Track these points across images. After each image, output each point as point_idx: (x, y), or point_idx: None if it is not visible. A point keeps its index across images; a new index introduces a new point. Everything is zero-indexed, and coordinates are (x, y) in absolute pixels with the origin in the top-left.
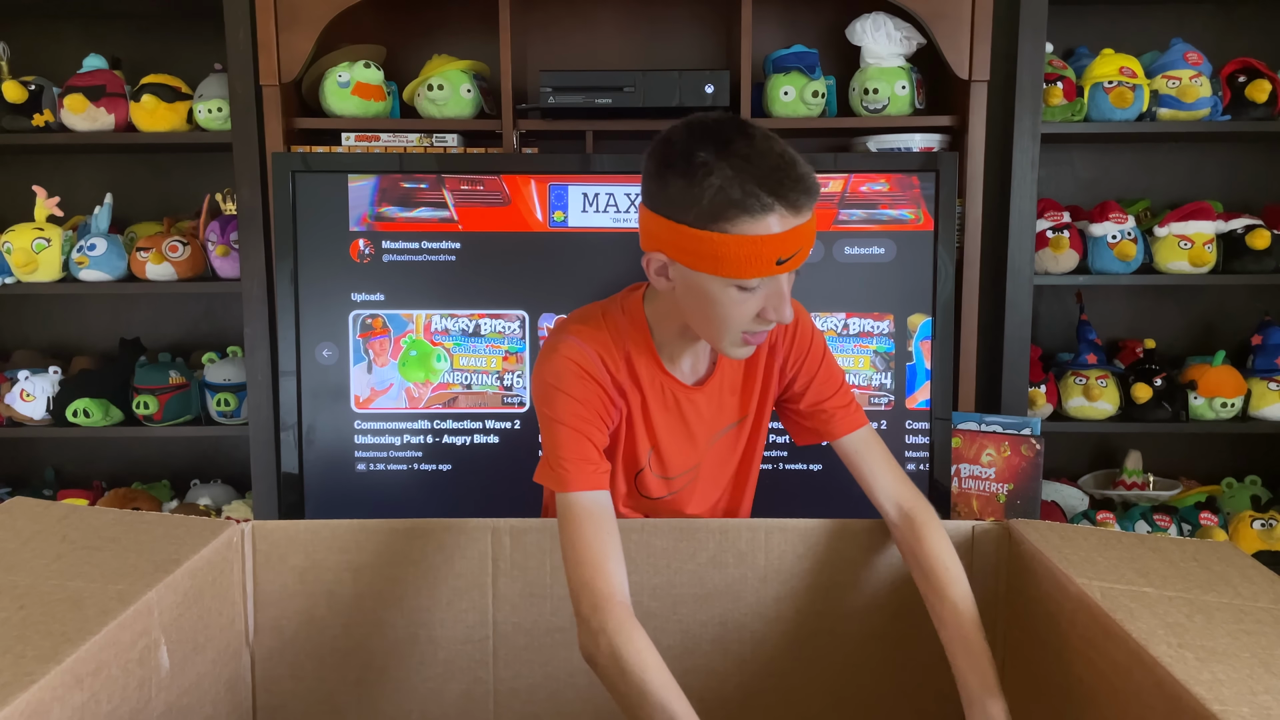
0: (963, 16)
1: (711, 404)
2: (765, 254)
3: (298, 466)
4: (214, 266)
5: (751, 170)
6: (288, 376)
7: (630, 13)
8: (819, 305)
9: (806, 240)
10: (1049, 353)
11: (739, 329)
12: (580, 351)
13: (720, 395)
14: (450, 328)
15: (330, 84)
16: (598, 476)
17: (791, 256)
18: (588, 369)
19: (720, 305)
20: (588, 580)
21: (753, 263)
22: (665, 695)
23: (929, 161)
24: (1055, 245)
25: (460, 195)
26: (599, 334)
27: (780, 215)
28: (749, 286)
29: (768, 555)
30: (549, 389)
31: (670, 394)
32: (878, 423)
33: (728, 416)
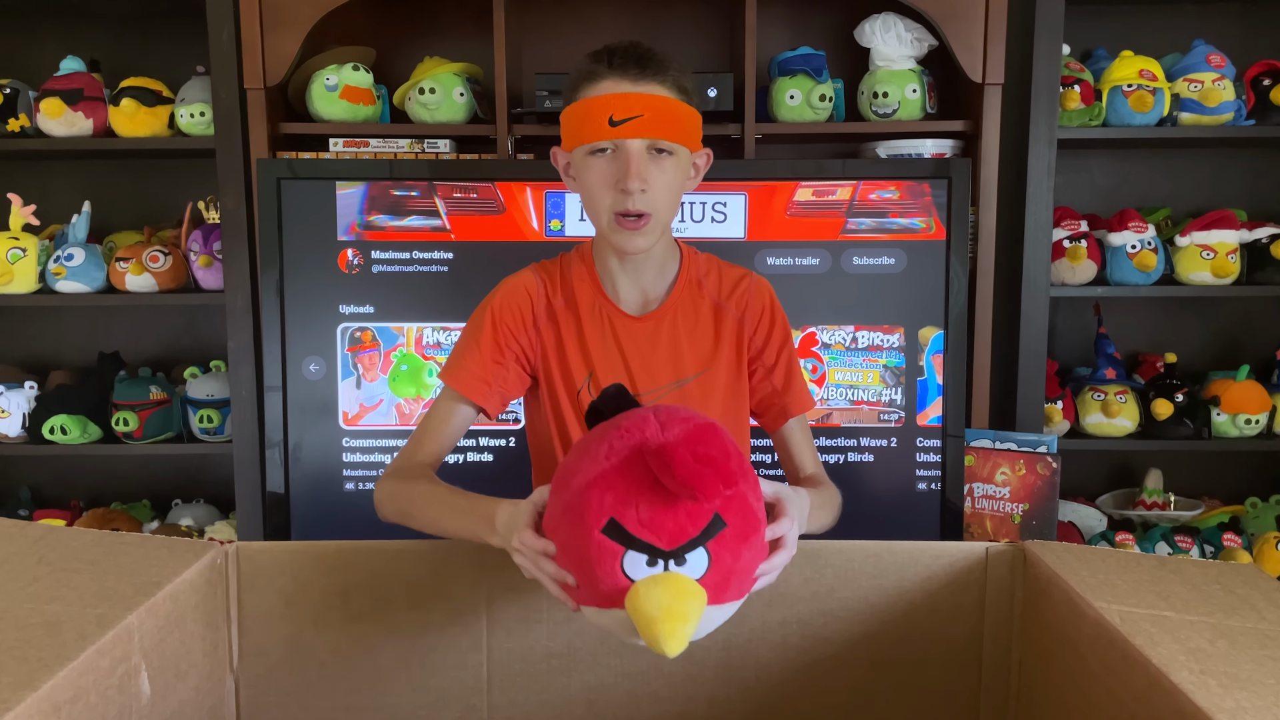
0: (976, 17)
1: (658, 341)
2: (597, 113)
3: (284, 486)
4: (196, 278)
5: (599, 50)
6: (273, 392)
7: (630, 14)
8: (826, 318)
9: (648, 108)
10: (1066, 367)
11: (607, 204)
12: (516, 282)
13: (672, 335)
14: (443, 341)
15: (317, 87)
16: (476, 388)
17: (628, 120)
18: (516, 299)
19: (585, 181)
20: (404, 450)
21: (590, 123)
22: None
23: (941, 168)
24: (1072, 255)
25: (453, 203)
26: (549, 267)
27: (615, 80)
28: (599, 149)
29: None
30: (480, 307)
31: (607, 320)
32: (887, 440)
33: (685, 364)
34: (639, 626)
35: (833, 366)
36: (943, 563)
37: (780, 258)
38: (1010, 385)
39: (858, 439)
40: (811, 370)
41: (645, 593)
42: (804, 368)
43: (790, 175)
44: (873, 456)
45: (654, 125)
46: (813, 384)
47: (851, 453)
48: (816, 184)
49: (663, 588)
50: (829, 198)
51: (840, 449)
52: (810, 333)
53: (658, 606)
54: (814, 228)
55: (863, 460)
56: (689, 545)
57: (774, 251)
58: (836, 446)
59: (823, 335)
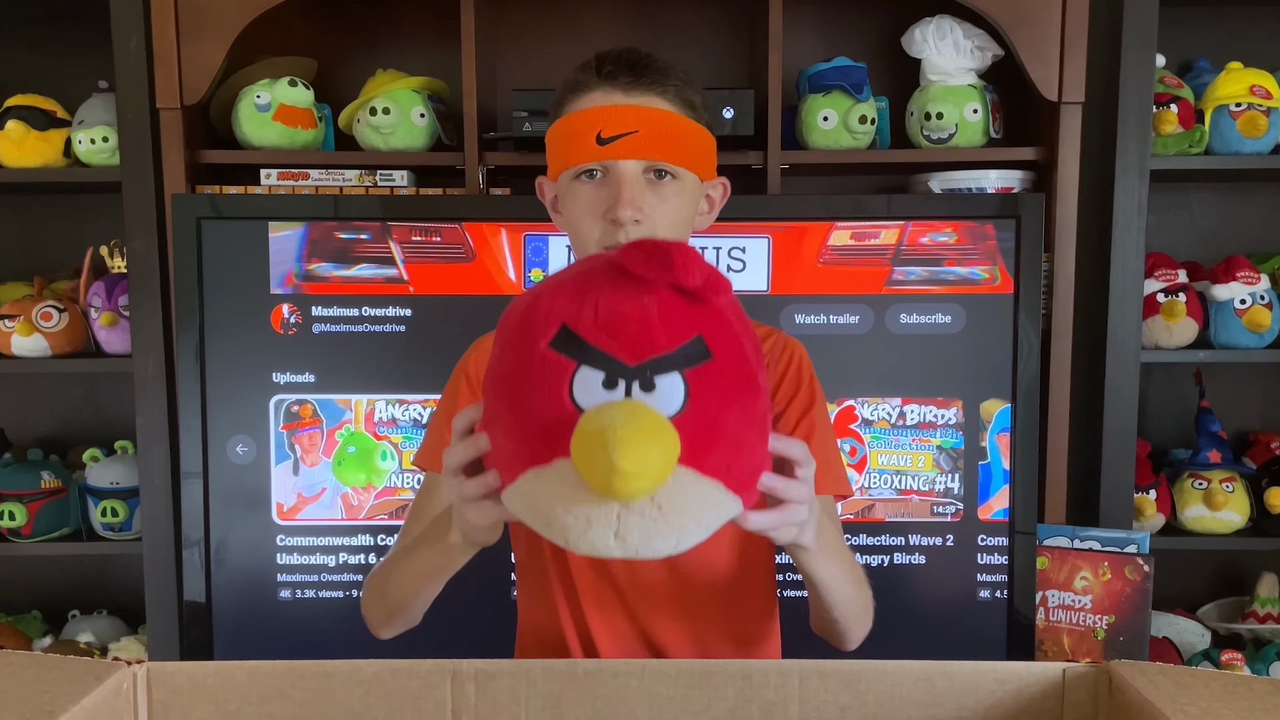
0: (1051, 21)
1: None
2: (583, 129)
3: (204, 594)
4: (98, 339)
5: (589, 58)
6: (192, 479)
7: (627, 17)
8: (868, 388)
9: (644, 123)
10: (1161, 448)
11: (595, 237)
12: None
13: None
14: (398, 417)
15: (246, 106)
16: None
17: (619, 136)
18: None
19: (572, 211)
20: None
21: (575, 141)
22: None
23: (1008, 205)
24: (1168, 312)
25: (411, 249)
26: None
27: (604, 90)
28: (586, 171)
29: (803, 707)
30: (454, 374)
31: None
32: (942, 538)
33: None
34: (582, 456)
35: (876, 448)
36: (1010, 688)
37: (811, 315)
38: (1092, 471)
39: (906, 536)
40: (850, 453)
41: (595, 413)
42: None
43: (824, 214)
44: (924, 558)
45: (650, 143)
46: (851, 469)
47: (898, 553)
48: (856, 225)
49: (619, 407)
50: (871, 242)
51: (884, 549)
52: (848, 406)
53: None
54: (852, 279)
55: (912, 562)
56: (660, 364)
57: (804, 307)
58: (879, 546)
59: (863, 410)
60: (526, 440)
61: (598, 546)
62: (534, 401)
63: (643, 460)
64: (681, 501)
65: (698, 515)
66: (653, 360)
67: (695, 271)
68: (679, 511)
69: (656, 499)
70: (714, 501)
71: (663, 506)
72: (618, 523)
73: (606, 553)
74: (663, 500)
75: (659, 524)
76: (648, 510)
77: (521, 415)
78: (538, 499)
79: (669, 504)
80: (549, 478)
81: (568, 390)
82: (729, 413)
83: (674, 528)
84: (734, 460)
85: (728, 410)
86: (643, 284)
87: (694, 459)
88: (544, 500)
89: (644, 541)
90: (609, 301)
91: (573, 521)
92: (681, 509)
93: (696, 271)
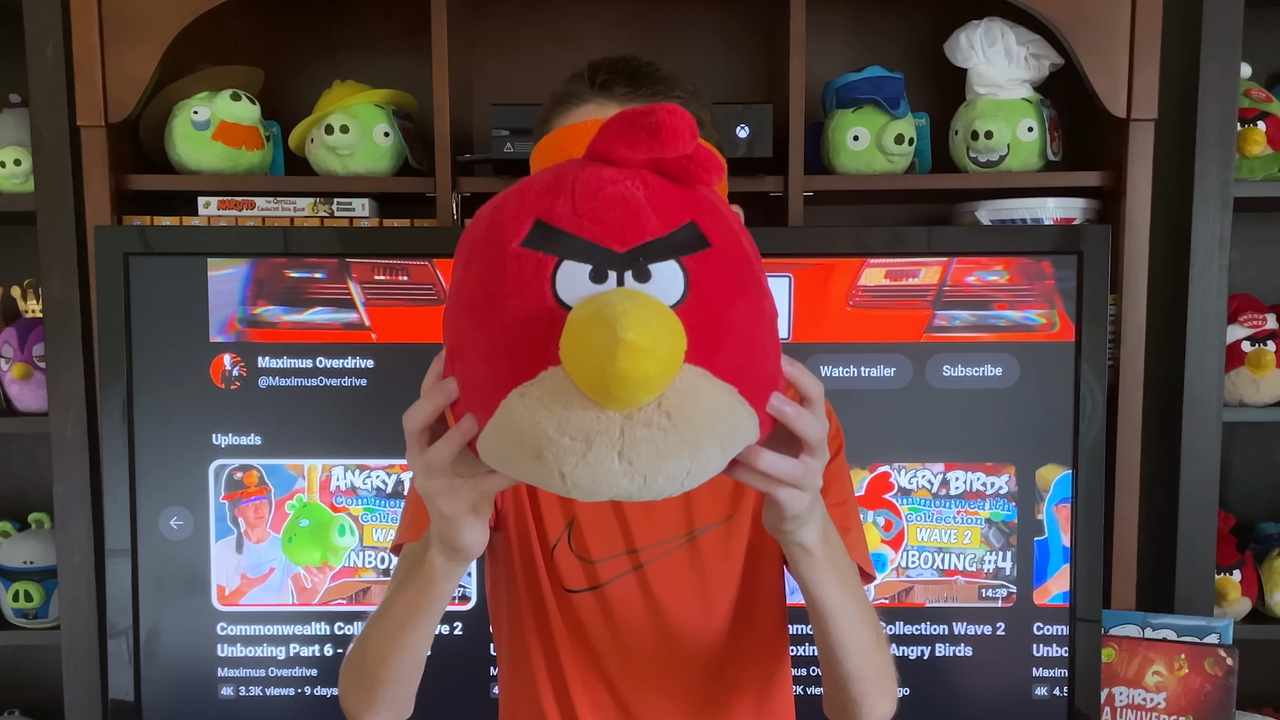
0: (1118, 24)
1: None
2: (572, 145)
3: (133, 691)
4: (8, 394)
5: (580, 68)
6: (118, 558)
7: (624, 21)
8: (905, 452)
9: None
10: (1246, 522)
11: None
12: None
13: None
14: (359, 485)
15: (181, 124)
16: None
17: None
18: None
19: None
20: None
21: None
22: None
23: (1068, 239)
24: (1255, 363)
25: (374, 289)
26: None
27: (598, 102)
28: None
29: None
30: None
31: None
32: (992, 626)
33: (699, 510)
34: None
35: (914, 522)
36: None
37: (840, 367)
38: (1167, 548)
39: (949, 624)
40: (884, 527)
41: (586, 301)
42: (874, 524)
43: (854, 249)
44: (971, 649)
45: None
46: (885, 546)
47: (941, 643)
48: (891, 262)
49: (613, 291)
50: (909, 282)
51: (924, 639)
52: (882, 473)
53: (605, 299)
54: (888, 325)
55: (957, 655)
56: (653, 249)
57: (830, 358)
58: (919, 635)
59: (900, 478)
60: (507, 354)
61: (600, 474)
62: (511, 308)
63: (651, 333)
64: (693, 409)
65: (712, 427)
66: (645, 245)
67: (686, 135)
68: (691, 421)
69: (664, 405)
70: (729, 411)
71: (672, 414)
72: (621, 439)
73: (610, 485)
74: (671, 407)
75: (670, 437)
76: (655, 419)
77: (497, 328)
78: (524, 424)
79: (679, 411)
80: (536, 394)
81: (550, 289)
82: (736, 307)
83: (686, 442)
84: (746, 363)
85: (734, 304)
86: (623, 168)
87: (703, 357)
88: (532, 424)
89: (654, 462)
90: (587, 187)
91: (569, 443)
92: (694, 418)
93: (688, 135)
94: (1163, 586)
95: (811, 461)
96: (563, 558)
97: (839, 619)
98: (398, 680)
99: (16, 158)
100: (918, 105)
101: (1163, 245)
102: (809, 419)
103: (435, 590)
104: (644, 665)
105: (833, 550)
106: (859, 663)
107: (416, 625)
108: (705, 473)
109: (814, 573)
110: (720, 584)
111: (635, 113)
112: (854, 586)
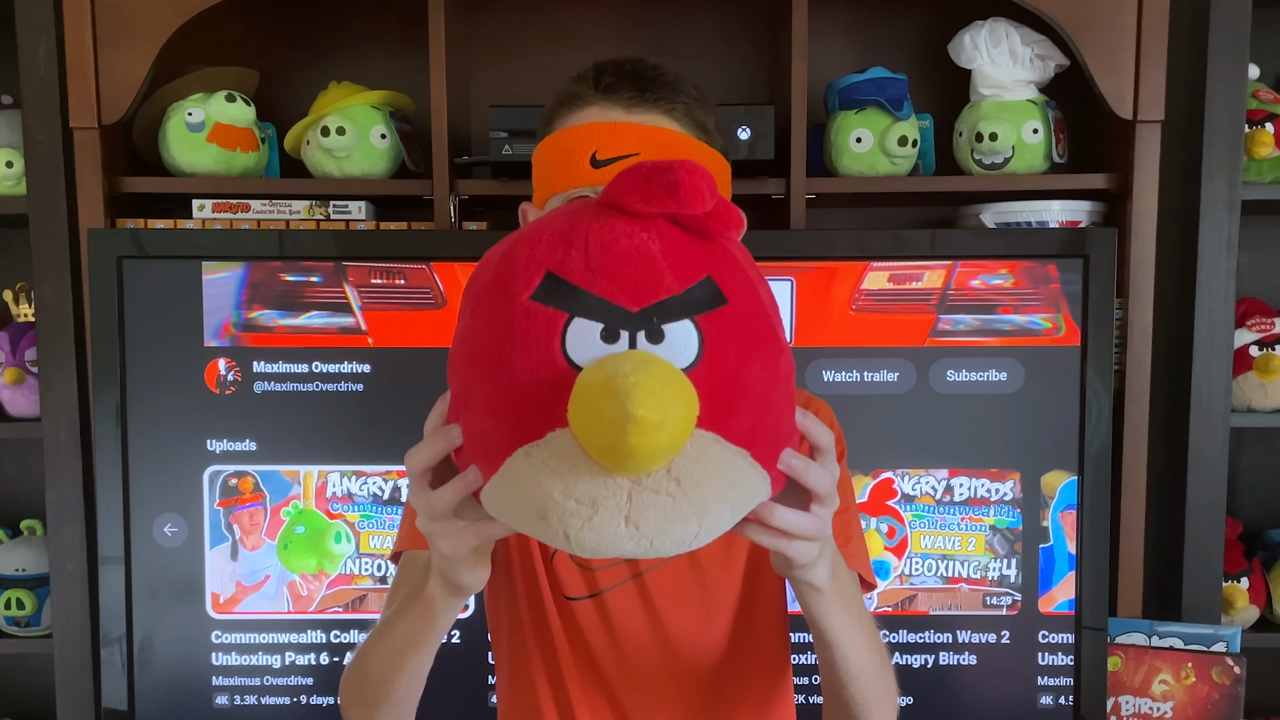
0: (1125, 25)
1: None
2: (575, 149)
3: (127, 700)
4: (0, 400)
5: (587, 68)
6: (112, 565)
7: (624, 21)
8: (908, 458)
9: (646, 144)
10: (1254, 529)
11: None
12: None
13: None
14: (355, 492)
15: (176, 126)
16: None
17: (617, 159)
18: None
19: None
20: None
21: (566, 162)
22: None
23: (1074, 242)
24: (1263, 368)
25: (371, 293)
26: None
27: (602, 105)
28: (578, 197)
29: None
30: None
31: None
32: (997, 634)
33: None
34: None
35: (918, 529)
36: None
37: (842, 372)
38: (1174, 555)
39: (953, 632)
40: (887, 533)
41: (597, 365)
42: (877, 531)
43: (857, 253)
44: (975, 658)
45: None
46: (888, 553)
47: (945, 652)
48: (894, 265)
49: (625, 356)
50: (912, 285)
51: (928, 647)
52: (885, 480)
53: (616, 366)
54: (891, 329)
55: (961, 663)
56: (667, 308)
57: (833, 363)
58: (922, 644)
59: (904, 484)
60: (513, 412)
61: (605, 537)
62: (519, 365)
63: (663, 408)
64: (703, 474)
65: (721, 493)
66: (659, 304)
67: (705, 194)
68: (700, 487)
69: (673, 471)
70: (741, 475)
71: (681, 480)
72: (629, 504)
73: (616, 546)
74: (680, 472)
75: (679, 503)
76: (664, 485)
77: (504, 383)
78: (529, 485)
79: (688, 477)
80: (542, 455)
81: (559, 347)
82: (751, 368)
83: (695, 507)
84: (759, 425)
85: (749, 364)
86: (638, 219)
87: (714, 421)
88: (537, 485)
89: (661, 527)
90: (601, 240)
91: (574, 507)
92: (703, 483)
93: (707, 194)
94: (1169, 594)
95: (822, 511)
96: (563, 565)
97: (845, 649)
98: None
99: (8, 160)
100: (921, 107)
101: (1169, 248)
102: (818, 471)
103: (435, 621)
104: (644, 674)
105: (841, 583)
106: (863, 686)
107: (417, 652)
108: (713, 534)
109: (821, 606)
110: (720, 593)
111: (653, 169)
112: (859, 611)
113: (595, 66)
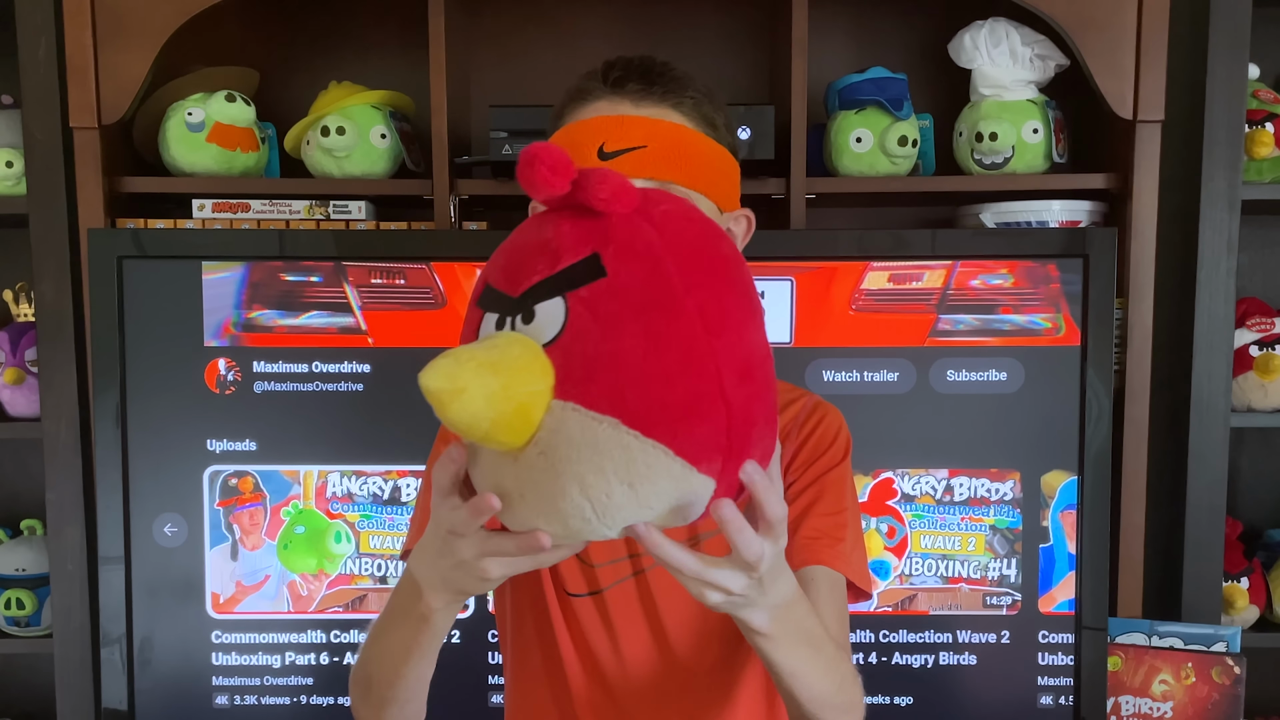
0: (1125, 25)
1: None
2: (582, 142)
3: (127, 700)
4: (0, 400)
5: (595, 66)
6: (112, 565)
7: (624, 22)
8: (908, 458)
9: (653, 137)
10: (1254, 529)
11: None
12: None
13: None
14: (355, 492)
15: (175, 126)
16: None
17: (623, 152)
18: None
19: None
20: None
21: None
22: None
23: (1074, 242)
24: (1263, 368)
25: (371, 293)
26: None
27: (610, 100)
28: None
29: None
30: (437, 441)
31: None
32: (996, 634)
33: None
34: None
35: (918, 529)
36: None
37: (842, 372)
38: (1174, 555)
39: (953, 632)
40: (887, 533)
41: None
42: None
43: (857, 253)
44: (975, 658)
45: (660, 161)
46: (888, 553)
47: (945, 652)
48: (895, 265)
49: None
50: (912, 285)
51: (928, 647)
52: (885, 479)
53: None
54: (891, 329)
55: (961, 663)
56: (540, 290)
57: (833, 363)
58: (922, 644)
59: (903, 484)
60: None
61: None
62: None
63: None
64: (565, 444)
65: (597, 464)
66: (533, 287)
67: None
68: (566, 458)
69: (539, 443)
70: (614, 444)
71: (546, 452)
72: (518, 482)
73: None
74: (545, 445)
75: (549, 475)
76: (533, 459)
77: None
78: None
79: (551, 448)
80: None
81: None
82: (621, 335)
83: (566, 477)
84: (628, 390)
85: (618, 332)
86: (546, 214)
87: (569, 390)
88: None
89: (549, 501)
90: (509, 240)
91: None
92: (568, 454)
93: (554, 176)
94: (1169, 594)
95: (766, 548)
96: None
97: (793, 680)
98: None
99: (8, 160)
100: (921, 106)
101: (1170, 248)
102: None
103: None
104: (644, 672)
105: (790, 620)
106: (816, 708)
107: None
108: (622, 509)
109: (762, 645)
110: None
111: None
112: (816, 639)
113: (605, 63)
